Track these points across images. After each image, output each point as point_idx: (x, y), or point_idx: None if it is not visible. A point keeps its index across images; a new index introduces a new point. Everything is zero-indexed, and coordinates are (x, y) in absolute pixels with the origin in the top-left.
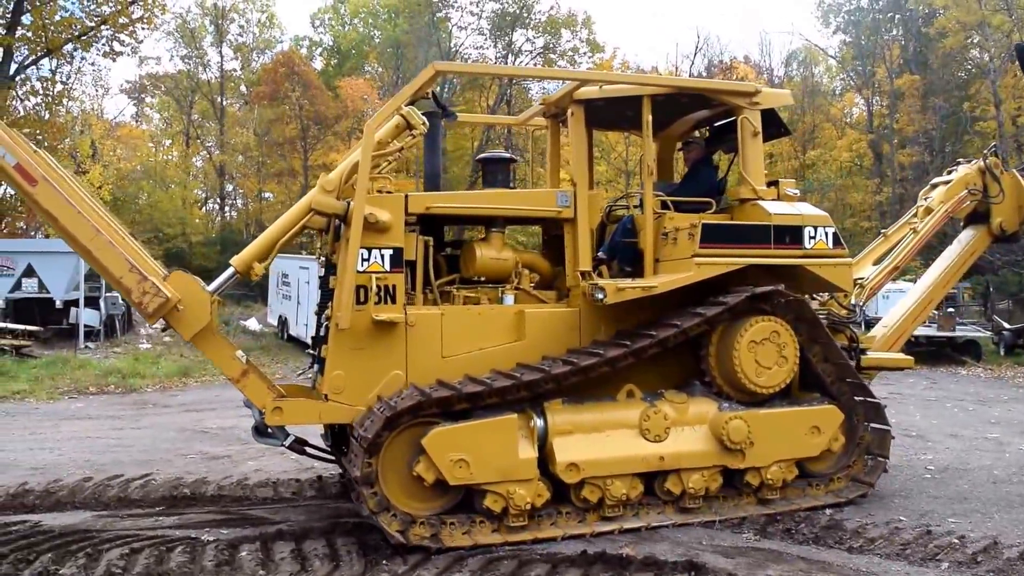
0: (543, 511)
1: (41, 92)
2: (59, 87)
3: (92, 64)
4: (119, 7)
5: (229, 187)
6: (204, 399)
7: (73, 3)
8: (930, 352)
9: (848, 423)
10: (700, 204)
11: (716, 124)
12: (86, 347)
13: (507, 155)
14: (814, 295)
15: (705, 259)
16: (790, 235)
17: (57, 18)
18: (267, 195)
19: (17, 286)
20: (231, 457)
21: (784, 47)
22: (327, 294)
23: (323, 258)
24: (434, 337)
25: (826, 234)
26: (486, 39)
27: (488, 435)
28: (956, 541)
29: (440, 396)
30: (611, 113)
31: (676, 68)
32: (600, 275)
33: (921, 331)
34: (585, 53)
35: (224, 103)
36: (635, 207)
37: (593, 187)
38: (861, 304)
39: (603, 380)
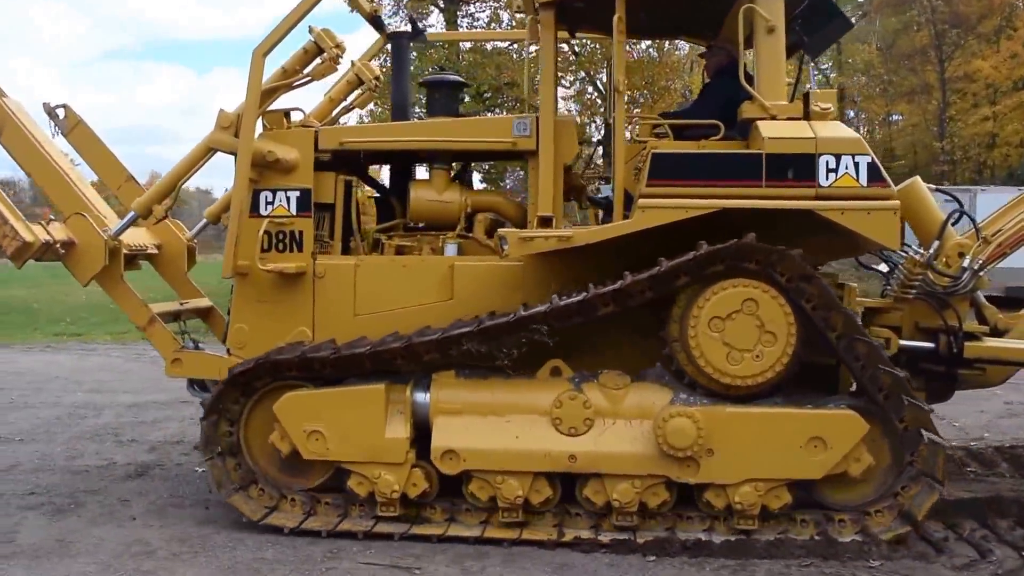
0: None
1: None
2: None
3: None
4: None
5: (851, 112)
6: None
7: None
8: None
9: (890, 435)
10: (706, 129)
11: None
12: None
13: (454, 78)
14: (884, 252)
15: (651, 202)
16: (794, 168)
17: None
18: (895, 116)
19: None
20: None
21: None
22: None
23: None
24: (346, 292)
25: (855, 166)
26: None
27: (348, 406)
28: None
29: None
30: (599, 13)
31: None
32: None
33: None
34: None
35: None
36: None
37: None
38: (976, 268)
39: (525, 352)
